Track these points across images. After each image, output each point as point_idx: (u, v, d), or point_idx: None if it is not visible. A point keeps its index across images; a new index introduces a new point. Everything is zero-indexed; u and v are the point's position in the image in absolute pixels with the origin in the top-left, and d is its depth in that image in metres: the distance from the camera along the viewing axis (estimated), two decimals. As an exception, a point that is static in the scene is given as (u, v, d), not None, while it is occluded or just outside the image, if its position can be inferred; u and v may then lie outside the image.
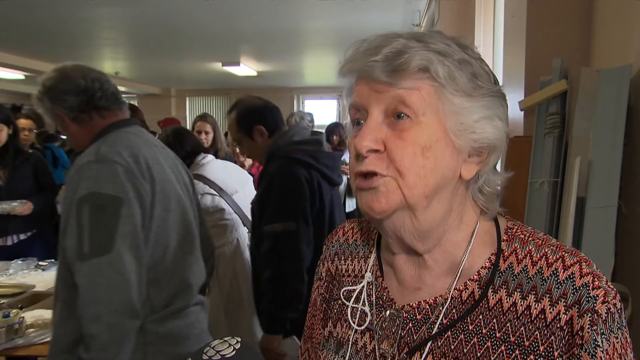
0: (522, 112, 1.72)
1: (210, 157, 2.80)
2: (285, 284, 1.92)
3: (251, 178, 3.09)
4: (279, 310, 1.93)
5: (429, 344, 0.67)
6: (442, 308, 0.67)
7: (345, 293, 0.78)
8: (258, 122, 2.05)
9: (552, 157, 1.45)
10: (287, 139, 2.01)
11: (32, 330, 1.96)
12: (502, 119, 0.66)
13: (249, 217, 2.76)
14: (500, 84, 0.70)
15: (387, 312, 0.71)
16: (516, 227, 0.70)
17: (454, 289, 0.68)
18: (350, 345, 0.75)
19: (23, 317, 1.97)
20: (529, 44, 1.76)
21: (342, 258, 0.82)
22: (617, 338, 0.59)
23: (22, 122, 4.05)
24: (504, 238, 0.69)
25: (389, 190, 0.63)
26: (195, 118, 3.80)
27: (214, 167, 2.71)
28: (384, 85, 0.63)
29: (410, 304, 0.70)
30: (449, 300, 0.67)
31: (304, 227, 1.93)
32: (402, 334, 0.70)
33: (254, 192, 3.01)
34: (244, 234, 2.75)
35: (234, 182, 2.80)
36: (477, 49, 0.67)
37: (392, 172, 0.63)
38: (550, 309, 0.61)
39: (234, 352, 0.68)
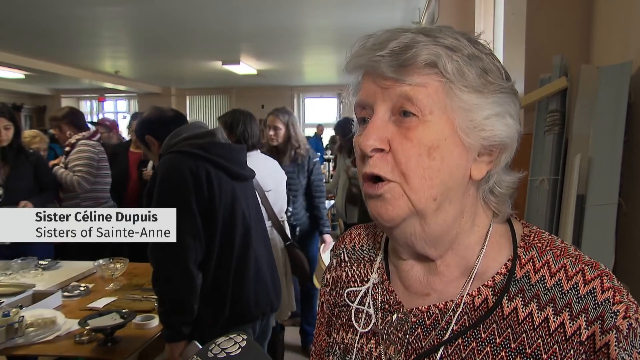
0: (522, 109, 1.72)
1: (255, 151, 2.88)
2: (171, 281, 1.83)
3: (285, 178, 3.13)
4: (173, 314, 1.84)
5: (440, 351, 0.64)
6: (453, 313, 0.64)
7: (349, 294, 0.75)
8: (148, 132, 2.15)
9: (552, 154, 1.45)
10: (176, 138, 2.02)
11: (32, 329, 1.95)
12: (513, 117, 0.63)
13: (277, 214, 2.86)
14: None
15: (394, 316, 0.68)
16: (533, 234, 0.67)
17: (467, 294, 0.64)
18: (355, 352, 0.71)
19: (23, 317, 1.95)
20: (529, 41, 1.76)
21: (349, 264, 0.80)
22: (639, 353, 0.57)
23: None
24: (521, 245, 0.66)
25: (395, 197, 0.61)
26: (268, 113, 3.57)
27: (254, 161, 2.72)
28: (390, 81, 0.60)
29: (419, 307, 0.67)
30: (461, 305, 0.64)
31: (187, 218, 1.84)
32: (410, 340, 0.67)
33: (284, 192, 3.10)
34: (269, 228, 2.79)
35: (270, 180, 2.86)
36: (489, 44, 0.65)
37: (396, 176, 0.61)
38: (570, 323, 0.59)
39: (240, 350, 0.66)
